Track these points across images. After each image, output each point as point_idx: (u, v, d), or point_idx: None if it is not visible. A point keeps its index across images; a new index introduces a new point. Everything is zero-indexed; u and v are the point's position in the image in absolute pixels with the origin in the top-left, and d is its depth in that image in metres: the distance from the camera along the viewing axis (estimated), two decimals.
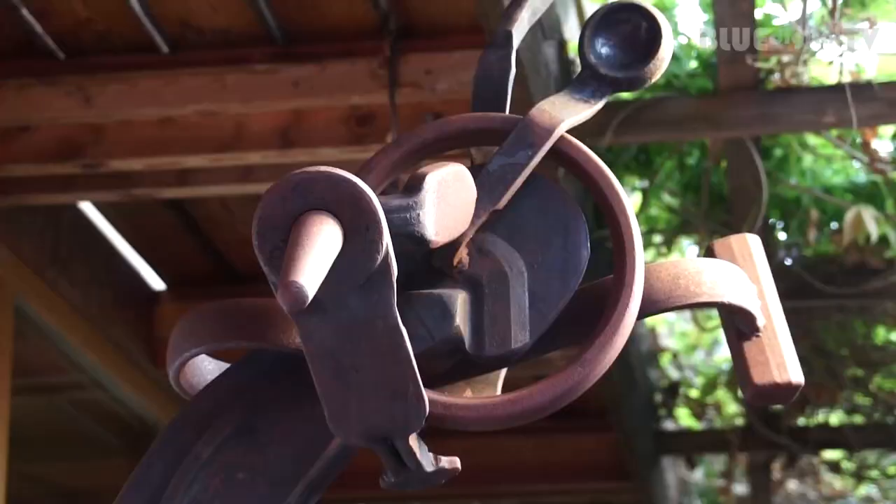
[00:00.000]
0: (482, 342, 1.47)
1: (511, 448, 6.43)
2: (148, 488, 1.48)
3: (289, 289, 1.21)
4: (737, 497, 7.56)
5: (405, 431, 1.38)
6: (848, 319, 5.72)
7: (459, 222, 1.44)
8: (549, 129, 1.47)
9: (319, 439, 1.46)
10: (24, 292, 3.99)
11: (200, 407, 1.52)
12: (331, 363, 1.36)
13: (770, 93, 4.05)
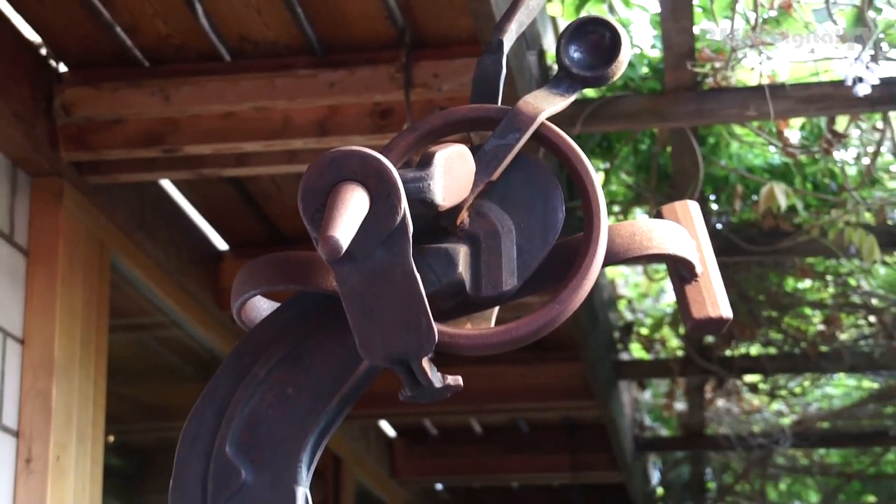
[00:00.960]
0: (479, 286, 1.46)
1: (499, 375, 6.43)
2: (216, 401, 1.47)
3: (327, 241, 1.21)
4: (677, 412, 7.57)
5: (419, 355, 1.37)
6: (765, 272, 5.71)
7: (461, 190, 1.44)
8: (532, 117, 1.48)
9: (351, 362, 1.45)
10: (118, 252, 3.99)
11: (257, 337, 1.51)
12: (360, 302, 1.35)
13: (705, 92, 4.06)
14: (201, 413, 1.49)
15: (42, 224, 3.60)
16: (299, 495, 1.46)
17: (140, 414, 4.42)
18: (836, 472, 8.56)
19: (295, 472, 1.47)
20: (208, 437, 1.48)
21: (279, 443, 1.47)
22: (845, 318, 6.20)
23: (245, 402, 1.49)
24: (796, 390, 7.36)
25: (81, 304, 3.69)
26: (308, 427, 1.48)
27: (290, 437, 1.48)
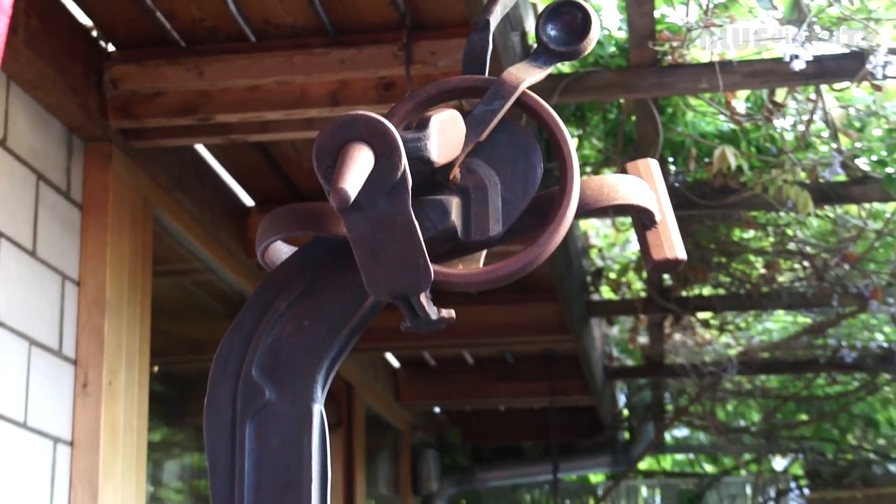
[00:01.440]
0: (469, 232, 1.47)
1: (488, 313, 6.44)
2: (243, 332, 1.49)
3: (338, 193, 1.22)
4: (640, 345, 7.59)
5: (417, 291, 1.37)
6: (715, 223, 5.71)
7: (454, 149, 1.44)
8: (515, 86, 1.48)
9: (359, 298, 1.46)
10: (159, 207, 3.98)
11: (278, 277, 1.52)
12: (366, 246, 1.36)
13: (664, 68, 4.06)
14: (231, 342, 1.50)
15: (94, 183, 3.60)
16: (315, 411, 1.47)
17: (180, 347, 4.45)
18: (774, 394, 8.58)
19: (311, 391, 1.48)
20: (237, 362, 1.49)
21: (297, 367, 1.49)
22: (783, 263, 6.21)
23: (268, 332, 1.50)
24: (741, 325, 7.39)
25: (128, 252, 3.69)
26: (322, 353, 1.49)
27: (307, 362, 1.49)
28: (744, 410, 9.06)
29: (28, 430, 3.24)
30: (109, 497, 3.49)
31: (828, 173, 4.82)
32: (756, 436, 9.10)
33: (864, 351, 7.04)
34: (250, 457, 1.45)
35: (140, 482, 3.69)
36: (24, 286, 3.25)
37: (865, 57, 3.82)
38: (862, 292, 5.83)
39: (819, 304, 6.35)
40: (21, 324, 3.21)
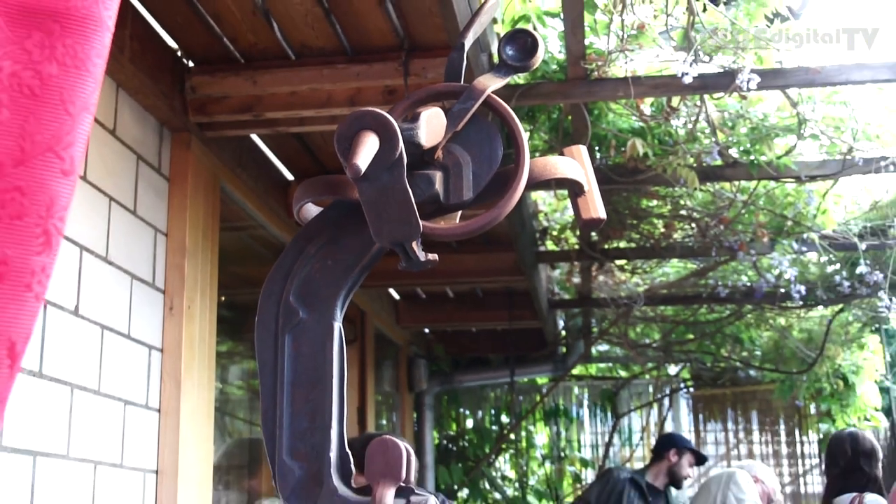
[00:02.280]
0: (448, 197, 1.47)
1: (464, 260, 6.42)
2: (284, 269, 1.49)
3: (352, 167, 1.23)
4: (574, 283, 7.59)
5: (410, 240, 1.38)
6: (628, 195, 5.71)
7: (437, 136, 1.45)
8: (482, 91, 1.49)
9: (368, 244, 1.47)
10: (224, 180, 3.97)
11: (309, 229, 1.52)
12: (373, 206, 1.36)
13: (592, 81, 4.06)
14: (274, 277, 1.50)
15: (178, 161, 3.61)
16: (336, 328, 1.47)
17: (239, 283, 4.45)
18: (670, 320, 8.58)
19: (333, 312, 1.48)
20: (279, 291, 1.50)
21: (323, 294, 1.49)
22: (677, 225, 6.20)
23: (301, 269, 1.50)
24: (647, 269, 7.39)
25: (202, 212, 3.70)
26: (341, 285, 1.50)
27: (330, 291, 1.50)
28: (648, 331, 9.07)
29: (131, 339, 3.26)
30: (188, 390, 3.50)
31: (709, 159, 4.84)
32: (656, 350, 9.10)
33: (733, 288, 7.06)
34: (288, 360, 1.46)
35: (211, 381, 3.71)
36: (128, 236, 3.26)
37: (735, 75, 3.85)
38: (732, 246, 5.85)
39: (702, 255, 6.37)
40: (126, 263, 3.23)
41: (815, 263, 6.54)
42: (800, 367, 8.52)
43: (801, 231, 5.60)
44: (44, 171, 1.25)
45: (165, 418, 3.43)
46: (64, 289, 2.85)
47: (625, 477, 6.69)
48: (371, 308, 7.02)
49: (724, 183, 5.45)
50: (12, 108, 1.23)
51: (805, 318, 8.31)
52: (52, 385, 2.77)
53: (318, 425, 1.45)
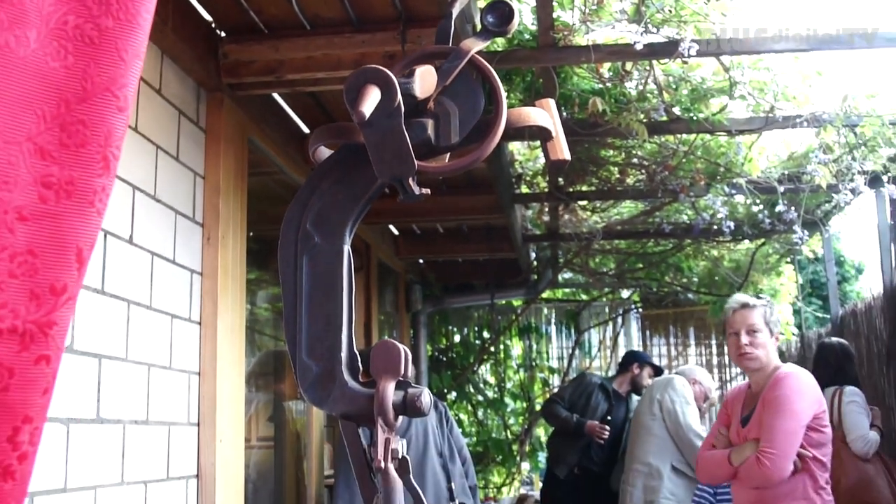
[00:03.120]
0: (439, 140, 1.47)
1: (452, 200, 6.38)
2: (301, 201, 1.48)
3: (358, 114, 1.24)
4: (544, 220, 7.59)
5: (407, 176, 1.38)
6: (590, 146, 5.69)
7: (429, 90, 1.45)
8: (467, 52, 1.48)
9: (372, 180, 1.46)
10: (251, 132, 3.95)
11: (322, 168, 1.52)
12: (376, 148, 1.37)
13: (560, 48, 4.03)
14: (294, 208, 1.50)
15: (213, 116, 3.59)
16: (345, 251, 1.47)
17: (263, 221, 4.42)
18: (623, 252, 8.62)
19: (343, 238, 1.49)
20: (297, 219, 1.50)
21: (334, 222, 1.49)
22: (630, 171, 6.21)
23: (316, 202, 1.51)
24: (604, 209, 7.39)
25: (233, 159, 3.69)
26: (349, 214, 1.50)
27: (340, 219, 1.50)
28: (605, 261, 9.08)
29: (176, 264, 3.27)
30: (224, 307, 3.52)
31: (656, 115, 4.83)
32: (612, 277, 9.14)
33: (675, 225, 7.09)
34: (306, 278, 1.47)
35: (242, 300, 3.73)
36: (172, 178, 3.26)
37: (678, 44, 3.83)
38: (675, 189, 5.86)
39: (650, 196, 6.38)
40: (170, 201, 3.23)
41: (742, 204, 6.57)
42: (729, 291, 8.54)
43: (731, 177, 5.62)
44: (103, 107, 1.26)
45: (205, 330, 3.45)
46: (120, 221, 2.87)
47: (595, 381, 6.80)
48: (375, 242, 7.03)
49: (669, 136, 5.45)
50: (76, 55, 1.25)
51: (734, 250, 8.37)
52: (112, 300, 2.79)
53: (330, 331, 1.47)
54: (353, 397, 1.43)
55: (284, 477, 5.56)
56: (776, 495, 3.55)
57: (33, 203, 1.20)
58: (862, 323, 6.74)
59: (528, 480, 10.21)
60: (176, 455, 3.21)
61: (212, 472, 3.40)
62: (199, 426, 3.39)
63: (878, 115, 4.84)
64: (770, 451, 3.47)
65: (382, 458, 1.39)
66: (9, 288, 1.17)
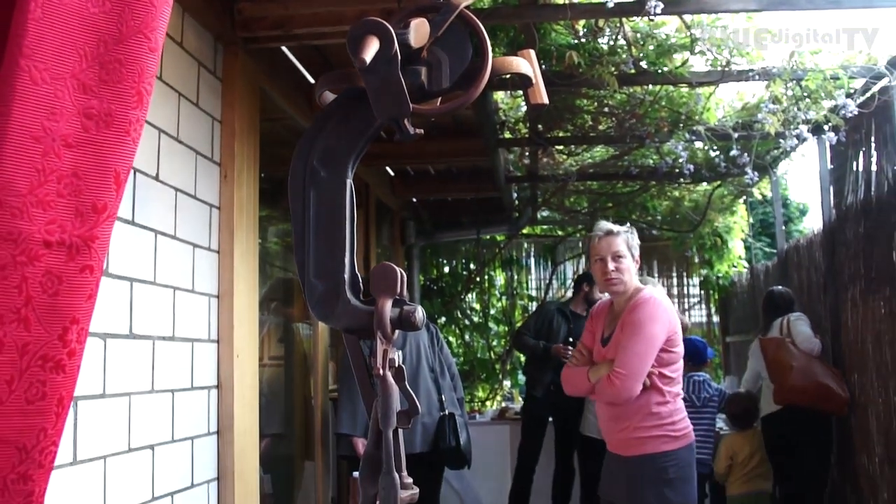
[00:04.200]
0: (431, 85, 1.47)
1: (442, 144, 6.36)
2: (309, 139, 1.48)
3: (359, 60, 1.24)
4: (525, 163, 7.57)
5: (403, 117, 1.39)
6: (567, 95, 5.66)
7: (423, 40, 1.43)
8: (457, 6, 1.47)
9: (371, 120, 1.46)
10: (263, 82, 3.91)
11: (327, 110, 1.51)
12: (376, 91, 1.37)
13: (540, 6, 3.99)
14: (302, 146, 1.50)
15: (228, 67, 3.57)
16: (348, 184, 1.48)
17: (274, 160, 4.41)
18: (595, 192, 8.63)
19: (346, 172, 1.49)
20: (305, 156, 1.50)
21: (338, 158, 1.49)
22: (601, 119, 6.20)
23: (322, 140, 1.50)
24: (579, 153, 7.38)
25: (247, 106, 3.68)
26: (351, 151, 1.50)
27: (344, 156, 1.49)
28: (579, 201, 9.08)
29: (197, 199, 3.29)
30: (239, 237, 3.54)
31: (625, 68, 4.82)
32: (585, 215, 9.14)
33: (642, 168, 7.09)
34: (313, 207, 1.47)
35: (255, 231, 3.74)
36: (192, 122, 3.26)
37: (645, 2, 3.79)
38: (642, 135, 5.85)
39: (619, 142, 6.39)
40: (191, 142, 3.24)
41: (700, 150, 6.57)
42: (689, 228, 8.62)
43: (691, 124, 5.62)
44: (136, 48, 1.29)
45: (223, 257, 3.48)
46: (148, 160, 2.88)
47: (554, 308, 6.88)
48: (373, 182, 7.02)
49: (636, 87, 5.43)
50: (112, 2, 1.27)
51: (693, 191, 8.38)
52: (141, 230, 2.82)
53: (335, 254, 1.48)
54: (355, 313, 1.45)
55: (293, 391, 5.64)
56: (627, 410, 3.59)
57: (77, 132, 1.23)
58: (804, 256, 6.80)
59: (509, 396, 10.32)
60: (199, 368, 3.27)
61: (230, 384, 3.45)
62: (218, 343, 3.44)
63: (821, 70, 4.84)
64: (621, 372, 3.49)
65: (381, 367, 1.43)
66: (57, 206, 1.21)
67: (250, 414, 3.62)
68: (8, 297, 1.18)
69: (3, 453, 1.18)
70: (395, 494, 1.38)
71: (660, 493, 3.55)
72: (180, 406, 3.09)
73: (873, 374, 5.27)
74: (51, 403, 1.22)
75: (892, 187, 4.91)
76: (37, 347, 1.20)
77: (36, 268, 1.21)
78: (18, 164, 1.18)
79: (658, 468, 3.55)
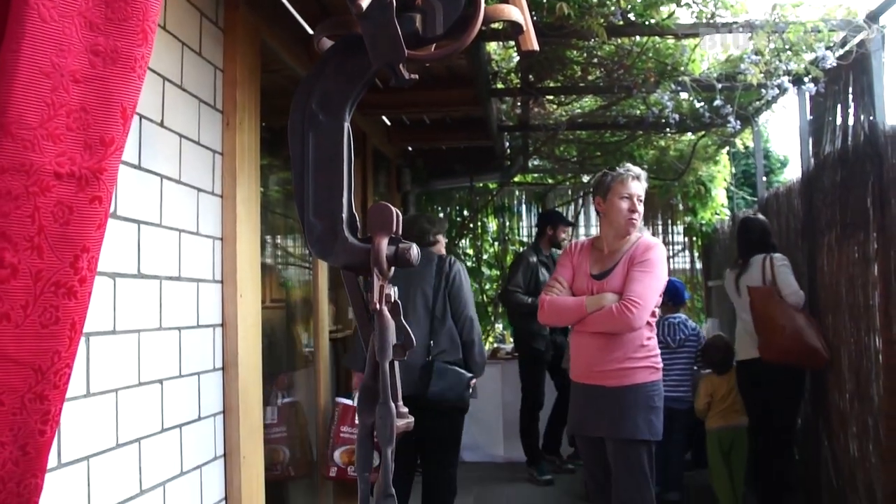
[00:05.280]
0: (426, 32, 1.46)
1: (438, 94, 6.28)
2: (308, 85, 1.47)
3: (356, 6, 1.24)
4: (516, 113, 7.53)
5: (398, 62, 1.38)
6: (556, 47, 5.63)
7: None
8: None
9: (367, 65, 1.45)
10: (264, 34, 3.87)
11: (326, 56, 1.50)
12: (371, 37, 1.36)
13: None
14: (301, 91, 1.50)
15: (230, 17, 3.53)
16: (345, 127, 1.48)
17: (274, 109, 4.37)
18: (584, 141, 8.62)
19: (343, 116, 1.49)
20: (304, 100, 1.49)
21: (336, 102, 1.49)
22: (590, 69, 6.17)
23: (320, 85, 1.49)
24: (568, 103, 7.36)
25: (248, 55, 3.65)
26: (349, 95, 1.49)
27: (341, 100, 1.49)
28: (568, 150, 9.07)
29: (201, 145, 3.28)
30: (241, 182, 3.54)
31: (614, 20, 4.78)
32: (574, 163, 9.15)
33: (630, 117, 7.07)
34: (312, 150, 1.47)
35: (256, 177, 3.73)
36: (195, 70, 3.23)
37: None
38: (629, 85, 5.83)
39: (608, 92, 6.35)
40: (194, 90, 3.22)
41: (686, 100, 6.55)
42: (673, 177, 8.62)
43: (677, 75, 5.60)
44: None
45: (226, 201, 3.48)
46: (152, 107, 2.87)
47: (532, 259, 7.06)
48: (370, 131, 7.00)
49: (624, 38, 5.41)
50: None
51: (678, 141, 8.37)
52: (147, 175, 2.82)
53: (333, 194, 1.49)
54: (353, 251, 1.47)
55: (294, 332, 5.68)
56: (622, 341, 3.71)
57: (84, 68, 1.24)
58: (783, 204, 6.82)
59: (501, 337, 10.43)
60: (204, 307, 3.29)
61: (234, 322, 3.48)
62: (222, 283, 3.46)
63: (802, 23, 4.82)
64: (638, 302, 3.62)
65: (377, 302, 1.44)
66: (66, 139, 1.23)
67: (254, 351, 3.66)
68: (22, 226, 1.20)
69: (20, 374, 1.21)
70: (391, 423, 1.41)
71: (647, 419, 3.68)
72: (187, 343, 3.12)
73: (846, 315, 5.32)
74: (64, 328, 1.24)
75: (868, 137, 4.91)
76: (50, 274, 1.23)
77: (48, 198, 1.23)
78: (29, 98, 1.20)
79: (647, 396, 3.72)
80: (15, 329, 1.19)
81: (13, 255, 1.19)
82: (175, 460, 3.01)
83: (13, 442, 1.21)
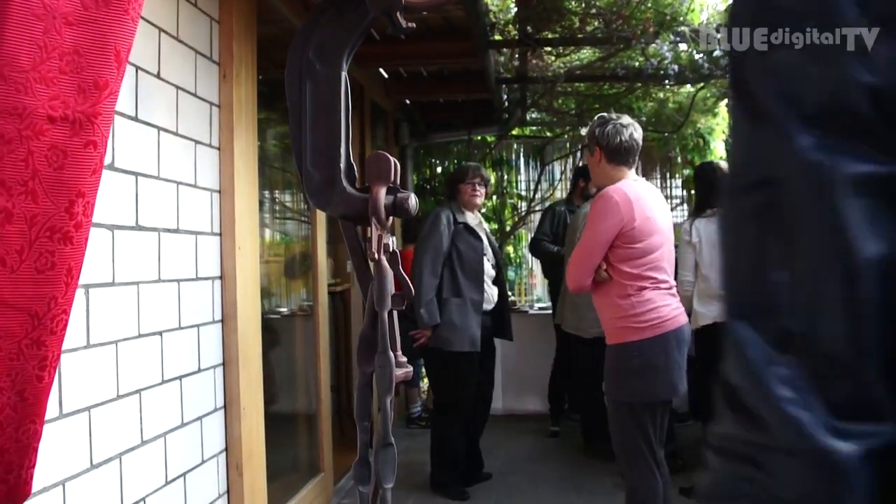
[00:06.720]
0: None
1: (434, 45, 6.20)
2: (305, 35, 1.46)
3: None
4: (514, 65, 7.47)
5: (395, 10, 1.37)
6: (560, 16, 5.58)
7: None
8: None
9: (364, 14, 1.44)
10: None
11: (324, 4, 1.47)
12: None
13: None
14: (297, 40, 1.49)
15: None
16: (342, 76, 1.47)
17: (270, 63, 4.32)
18: (582, 93, 8.56)
19: (340, 65, 1.48)
20: (301, 49, 1.48)
21: (333, 52, 1.48)
22: (589, 21, 6.11)
23: (317, 34, 1.48)
24: (567, 54, 7.29)
25: (244, 7, 3.60)
26: (346, 44, 1.48)
27: (338, 49, 1.48)
28: (567, 102, 9.02)
29: (197, 97, 3.25)
30: (238, 134, 3.52)
31: None
32: (572, 116, 9.08)
33: (629, 69, 7.02)
34: (309, 99, 1.46)
35: (253, 130, 3.70)
36: (192, 22, 3.20)
37: None
38: (628, 36, 5.78)
39: (606, 43, 6.30)
40: (191, 42, 3.18)
41: (685, 52, 6.49)
42: (672, 129, 8.58)
43: (676, 26, 5.55)
44: None
45: (223, 154, 3.46)
46: (148, 58, 2.84)
47: (563, 209, 7.03)
48: (368, 84, 6.94)
49: None
50: None
51: (677, 93, 8.32)
52: (144, 127, 2.80)
53: (331, 144, 1.48)
54: (351, 201, 1.46)
55: (292, 284, 5.69)
56: (599, 303, 3.74)
57: (77, 10, 1.23)
58: None
59: None
60: (202, 259, 3.29)
61: (233, 275, 3.48)
62: (220, 236, 3.46)
63: None
64: (569, 263, 3.71)
65: (376, 251, 1.44)
66: (60, 82, 1.21)
67: (253, 304, 3.67)
68: (15, 170, 1.19)
69: (16, 319, 1.21)
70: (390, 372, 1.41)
71: (625, 381, 3.59)
72: (186, 295, 3.13)
73: None
74: (60, 273, 1.24)
75: None
76: (45, 219, 1.22)
77: (41, 142, 1.22)
78: (20, 40, 1.18)
79: (624, 357, 3.59)
80: (10, 274, 1.19)
81: (7, 200, 1.18)
82: (176, 411, 3.03)
83: (11, 388, 1.22)
